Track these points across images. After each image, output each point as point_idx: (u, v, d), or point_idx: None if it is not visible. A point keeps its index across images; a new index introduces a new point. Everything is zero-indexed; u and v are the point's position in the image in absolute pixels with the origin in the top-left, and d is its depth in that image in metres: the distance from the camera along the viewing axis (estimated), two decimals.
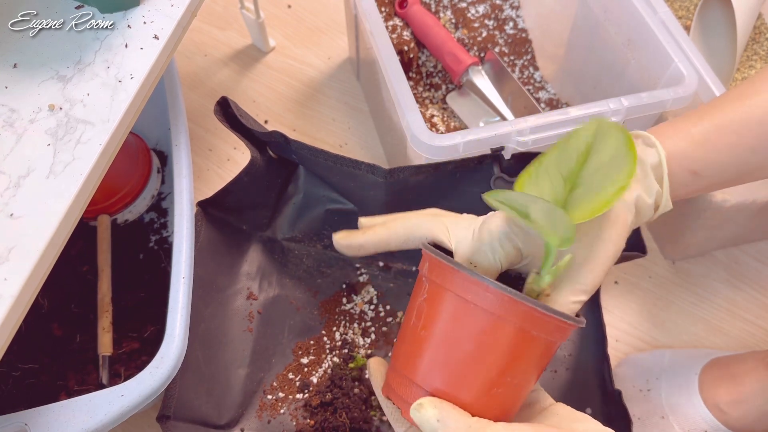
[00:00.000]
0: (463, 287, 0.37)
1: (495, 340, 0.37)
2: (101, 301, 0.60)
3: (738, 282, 0.71)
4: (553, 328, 0.38)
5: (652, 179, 0.43)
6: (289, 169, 0.65)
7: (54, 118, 0.44)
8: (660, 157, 0.43)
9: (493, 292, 0.36)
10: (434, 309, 0.39)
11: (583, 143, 0.40)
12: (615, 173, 0.39)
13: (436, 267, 0.39)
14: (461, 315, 0.37)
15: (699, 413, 0.55)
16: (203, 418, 0.54)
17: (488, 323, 0.36)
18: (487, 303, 0.36)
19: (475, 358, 0.37)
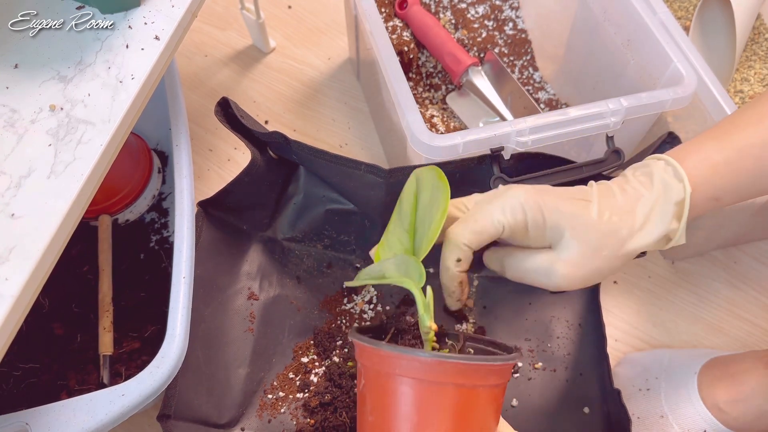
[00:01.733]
0: (391, 364, 0.37)
1: (441, 405, 0.36)
2: (102, 301, 0.60)
3: (737, 282, 0.71)
4: (486, 374, 0.37)
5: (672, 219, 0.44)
6: (289, 170, 0.65)
7: (55, 118, 0.44)
8: (685, 194, 0.43)
9: (420, 361, 0.36)
10: (372, 392, 0.39)
11: (412, 193, 0.48)
12: (437, 203, 0.45)
13: (361, 350, 0.40)
14: (396, 391, 0.37)
15: (698, 412, 0.55)
16: (204, 417, 0.54)
17: (423, 391, 0.37)
18: (419, 373, 0.36)
19: (425, 429, 0.37)
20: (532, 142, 0.54)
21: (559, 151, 0.56)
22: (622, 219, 0.44)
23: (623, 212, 0.44)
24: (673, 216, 0.44)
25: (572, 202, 0.44)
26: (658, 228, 0.43)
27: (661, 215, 0.44)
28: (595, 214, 0.44)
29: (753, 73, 0.72)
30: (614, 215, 0.44)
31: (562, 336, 0.64)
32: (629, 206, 0.44)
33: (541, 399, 0.61)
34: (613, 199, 0.45)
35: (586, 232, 0.43)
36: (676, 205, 0.43)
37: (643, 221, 0.44)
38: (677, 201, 0.43)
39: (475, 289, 0.67)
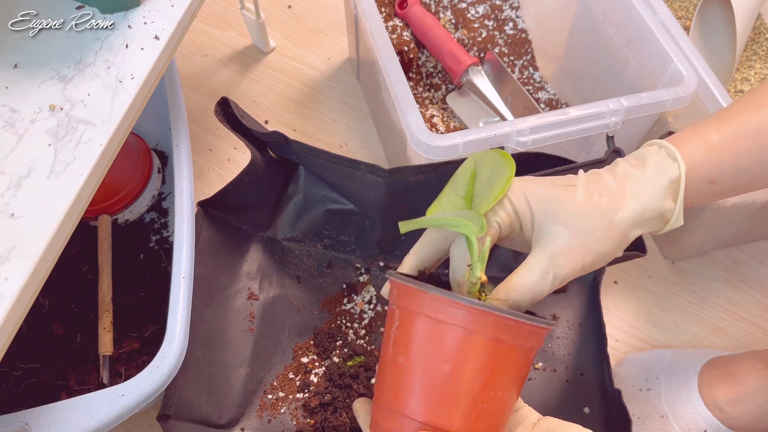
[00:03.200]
0: (433, 307, 0.37)
1: (472, 355, 0.36)
2: (102, 301, 0.60)
3: (737, 282, 0.71)
4: (527, 334, 0.37)
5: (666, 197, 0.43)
6: (289, 170, 0.65)
7: (55, 118, 0.44)
8: (680, 173, 0.43)
9: (463, 307, 0.36)
10: (408, 335, 0.38)
11: (469, 171, 0.46)
12: (500, 173, 0.43)
13: (404, 292, 0.39)
14: (435, 336, 0.37)
15: (698, 412, 0.55)
16: (204, 417, 0.54)
17: (463, 339, 0.36)
18: (458, 319, 0.36)
19: (458, 377, 0.37)
20: (532, 142, 0.54)
21: (560, 151, 0.56)
22: (612, 199, 0.42)
23: (612, 193, 0.43)
24: (667, 194, 0.42)
25: (557, 188, 0.43)
26: (650, 201, 0.42)
27: (652, 191, 0.42)
28: (582, 196, 0.42)
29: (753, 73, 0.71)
30: (603, 196, 0.42)
31: (563, 336, 0.64)
32: (619, 187, 0.43)
33: (541, 399, 0.61)
34: (602, 182, 0.44)
35: (574, 216, 0.42)
36: (670, 183, 0.42)
37: (635, 202, 0.42)
38: (671, 179, 0.42)
39: None
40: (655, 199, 0.42)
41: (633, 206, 0.42)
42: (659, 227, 0.44)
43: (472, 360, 0.37)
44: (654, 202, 0.42)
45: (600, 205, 0.42)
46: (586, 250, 0.41)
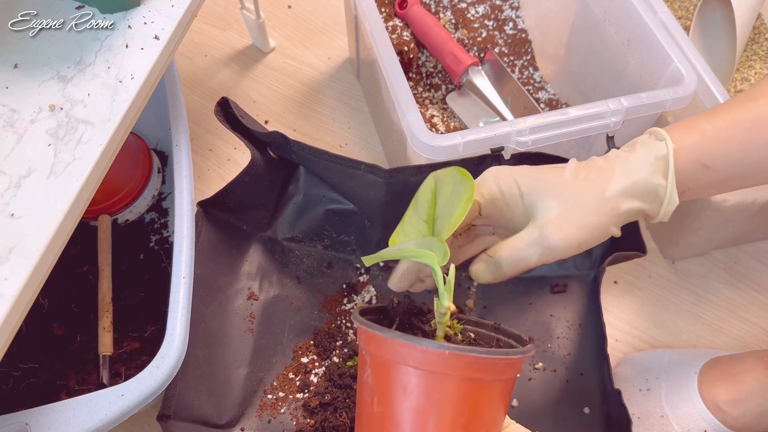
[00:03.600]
0: (401, 354, 0.36)
1: (451, 398, 0.35)
2: (102, 301, 0.60)
3: (737, 282, 0.71)
4: (504, 367, 0.37)
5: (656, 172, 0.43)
6: (289, 170, 0.65)
7: (55, 118, 0.44)
8: (668, 150, 0.43)
9: (432, 353, 0.35)
10: (381, 382, 0.37)
11: (429, 191, 0.47)
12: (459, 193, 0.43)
13: (371, 339, 0.38)
14: (409, 382, 0.36)
15: (698, 412, 0.55)
16: (203, 417, 0.54)
17: (439, 384, 0.35)
18: (430, 365, 0.35)
19: (439, 423, 0.35)
20: (532, 142, 0.54)
21: (560, 151, 0.56)
22: (600, 176, 0.43)
23: (600, 170, 0.44)
24: (657, 169, 0.43)
25: (546, 168, 0.44)
26: (639, 175, 0.43)
27: (640, 166, 0.43)
28: (570, 175, 0.43)
29: (753, 73, 0.71)
30: (591, 173, 0.43)
31: (563, 336, 0.64)
32: (608, 166, 0.44)
33: (541, 399, 0.61)
34: (591, 163, 0.45)
35: (563, 191, 0.43)
36: (657, 159, 0.43)
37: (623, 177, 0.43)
38: (658, 155, 0.43)
39: (475, 290, 0.67)
40: (644, 173, 0.43)
41: (621, 180, 0.43)
42: (654, 205, 0.44)
43: (450, 403, 0.35)
44: (643, 176, 0.43)
45: (588, 181, 0.43)
46: (576, 223, 0.42)
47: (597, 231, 0.43)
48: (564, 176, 0.44)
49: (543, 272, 0.67)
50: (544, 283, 0.67)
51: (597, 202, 0.43)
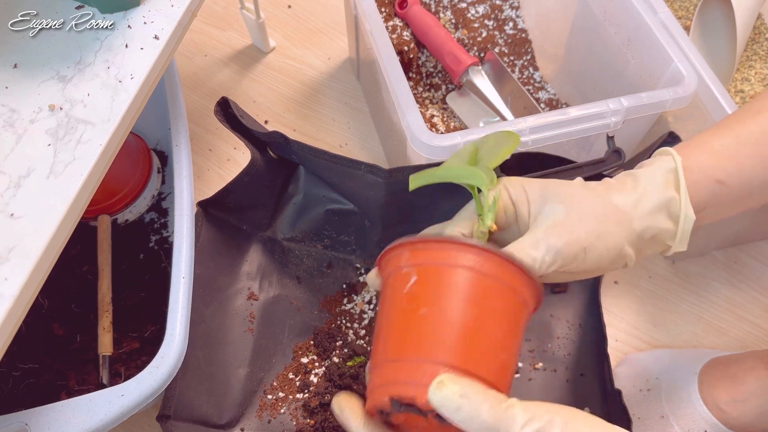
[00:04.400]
0: (458, 257, 0.38)
1: (494, 302, 0.37)
2: (101, 301, 0.60)
3: (738, 282, 0.71)
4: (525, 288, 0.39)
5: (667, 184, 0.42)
6: (289, 170, 0.65)
7: (54, 118, 0.44)
8: (675, 163, 0.42)
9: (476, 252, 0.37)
10: (434, 286, 0.38)
11: (472, 146, 0.47)
12: (505, 141, 0.45)
13: (423, 249, 0.39)
14: (463, 284, 0.37)
15: (699, 413, 0.55)
16: (203, 417, 0.54)
17: (486, 285, 0.37)
18: (481, 266, 0.37)
19: (483, 323, 0.36)
20: (532, 142, 0.54)
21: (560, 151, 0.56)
22: (608, 187, 0.43)
23: (611, 184, 0.43)
24: (668, 182, 0.42)
25: (555, 180, 0.44)
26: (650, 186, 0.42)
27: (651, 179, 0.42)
28: (579, 184, 0.43)
29: (754, 73, 0.71)
30: (601, 185, 0.43)
31: (563, 336, 0.64)
32: (618, 182, 0.44)
33: (541, 399, 0.60)
34: (602, 180, 0.45)
35: (570, 195, 0.42)
36: (668, 173, 0.42)
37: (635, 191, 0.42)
38: (668, 169, 0.43)
39: None
40: (655, 185, 0.42)
41: (632, 192, 0.42)
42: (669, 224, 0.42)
43: (495, 307, 0.37)
44: (654, 188, 0.42)
45: (596, 189, 0.43)
46: (581, 226, 0.41)
47: (604, 237, 0.41)
48: (573, 185, 0.43)
49: None
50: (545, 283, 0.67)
51: (606, 210, 0.41)
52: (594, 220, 0.41)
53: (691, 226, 0.42)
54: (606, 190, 0.43)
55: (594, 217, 0.41)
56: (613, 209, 0.42)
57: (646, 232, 0.42)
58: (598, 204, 0.42)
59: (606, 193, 0.42)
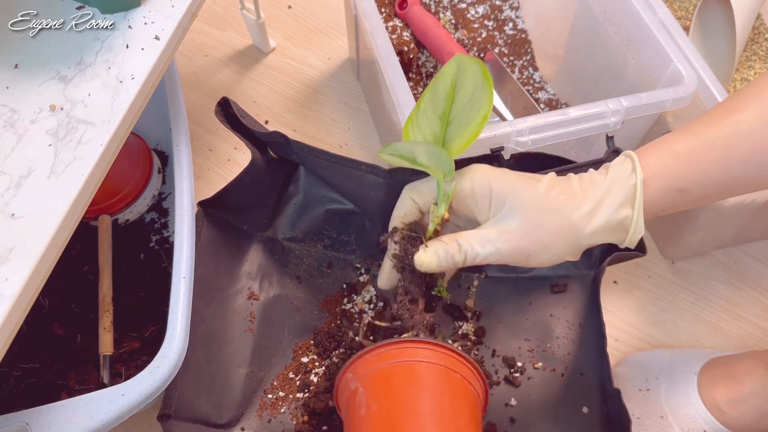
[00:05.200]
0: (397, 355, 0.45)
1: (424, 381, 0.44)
2: (102, 301, 0.60)
3: (737, 282, 0.71)
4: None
5: (624, 203, 0.44)
6: (289, 170, 0.65)
7: (55, 118, 0.44)
8: (636, 180, 0.43)
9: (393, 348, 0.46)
10: (376, 388, 0.45)
11: (449, 81, 0.47)
12: (477, 106, 0.46)
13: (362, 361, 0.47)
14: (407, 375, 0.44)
15: (698, 413, 0.55)
16: (204, 417, 0.54)
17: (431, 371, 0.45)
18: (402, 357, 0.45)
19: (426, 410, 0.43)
20: (532, 142, 0.55)
21: (559, 151, 0.56)
22: (570, 198, 0.44)
23: (572, 193, 0.45)
24: (627, 201, 0.44)
25: (523, 178, 0.46)
26: (607, 207, 0.43)
27: (610, 197, 0.44)
28: (542, 190, 0.45)
29: (753, 73, 0.72)
30: (562, 194, 0.44)
31: (562, 336, 0.64)
32: (581, 190, 0.45)
33: (540, 399, 0.61)
34: (567, 183, 0.46)
35: (529, 204, 0.44)
36: (628, 190, 0.43)
37: (592, 205, 0.44)
38: (629, 185, 0.44)
39: (475, 290, 0.67)
40: (612, 206, 0.43)
41: (588, 208, 0.44)
42: (620, 235, 0.45)
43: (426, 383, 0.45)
44: (611, 209, 0.43)
45: (556, 201, 0.44)
46: (530, 237, 0.44)
47: (549, 249, 0.44)
48: (537, 190, 0.45)
49: (543, 272, 0.67)
50: (544, 283, 0.67)
51: (558, 222, 0.44)
52: (545, 233, 0.44)
53: (640, 236, 0.45)
54: (566, 201, 0.44)
55: (545, 231, 0.44)
56: (566, 224, 0.44)
57: (592, 241, 0.45)
58: (553, 218, 0.44)
59: (565, 205, 0.44)
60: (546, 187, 0.45)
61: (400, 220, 0.50)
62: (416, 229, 0.49)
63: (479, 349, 0.64)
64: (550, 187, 0.45)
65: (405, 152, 0.46)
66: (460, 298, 0.66)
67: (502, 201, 0.45)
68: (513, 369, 0.62)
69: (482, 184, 0.45)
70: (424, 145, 0.45)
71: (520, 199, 0.44)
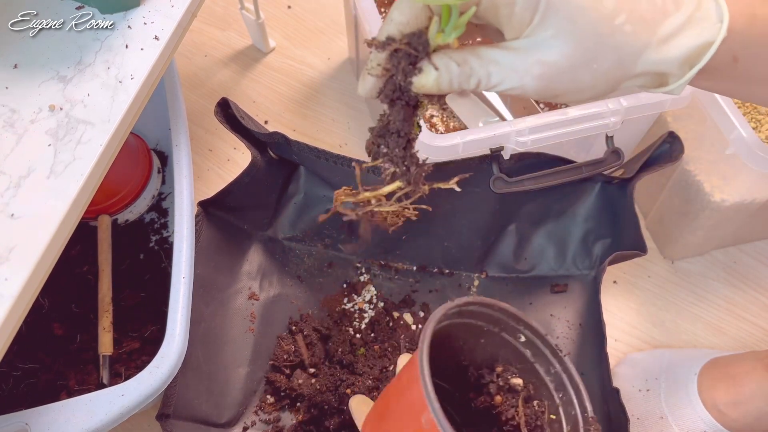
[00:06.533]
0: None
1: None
2: (102, 301, 0.60)
3: (737, 282, 0.71)
4: None
5: (688, 60, 0.35)
6: (289, 170, 0.65)
7: (54, 118, 0.44)
8: (716, 40, 0.34)
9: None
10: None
11: None
12: None
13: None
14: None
15: (697, 413, 0.55)
16: (203, 416, 0.54)
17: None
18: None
19: None
20: (531, 142, 0.55)
21: (559, 151, 0.56)
22: (636, 32, 0.34)
23: (642, 23, 0.34)
24: (690, 57, 0.35)
25: None
26: (668, 58, 0.34)
27: (678, 48, 0.34)
28: (608, 13, 0.33)
29: None
30: (629, 23, 0.34)
31: (563, 336, 0.64)
32: (650, 17, 0.34)
33: None
34: (636, 2, 0.34)
35: (585, 35, 0.33)
36: (700, 47, 0.35)
37: (655, 46, 0.34)
38: (704, 42, 0.35)
39: (475, 289, 0.67)
40: (676, 59, 0.35)
41: (651, 55, 0.35)
42: (654, 84, 0.37)
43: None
44: (673, 60, 0.35)
45: (621, 34, 0.34)
46: (569, 76, 0.34)
47: (585, 94, 0.35)
48: (601, 11, 0.33)
49: (543, 272, 0.67)
50: (544, 283, 0.67)
51: (612, 66, 0.34)
52: (589, 74, 0.35)
53: (676, 94, 0.37)
54: (628, 39, 0.34)
55: (590, 72, 0.34)
56: (617, 68, 0.35)
57: (629, 84, 0.36)
58: (608, 57, 0.34)
59: (624, 44, 0.34)
60: (613, 9, 0.33)
61: (398, 27, 0.34)
62: (417, 45, 0.34)
63: None
64: (619, 9, 0.33)
65: None
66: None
67: (549, 21, 0.33)
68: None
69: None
70: None
71: (576, 24, 0.33)
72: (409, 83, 0.35)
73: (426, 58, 0.34)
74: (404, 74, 0.34)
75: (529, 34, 0.34)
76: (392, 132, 0.37)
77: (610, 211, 0.63)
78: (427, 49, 0.34)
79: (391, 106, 0.36)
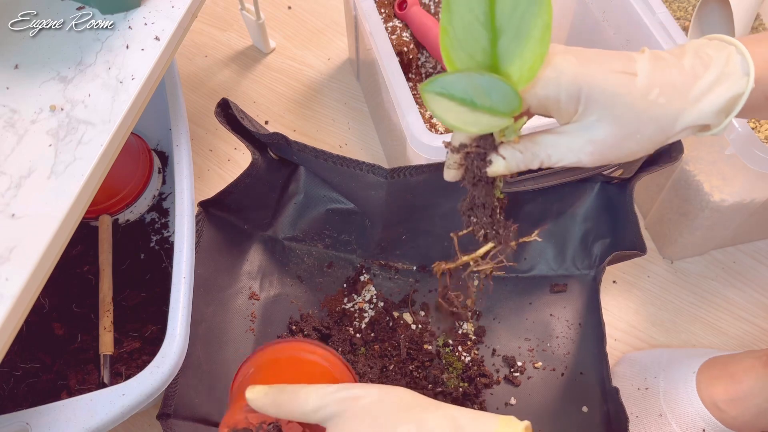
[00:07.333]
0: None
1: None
2: (102, 301, 0.60)
3: (736, 281, 0.71)
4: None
5: (723, 111, 0.38)
6: (290, 170, 0.65)
7: (55, 118, 0.45)
8: (746, 91, 0.37)
9: None
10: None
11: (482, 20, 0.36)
12: (532, 9, 0.34)
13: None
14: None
15: (697, 411, 0.55)
16: (204, 416, 0.54)
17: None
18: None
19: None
20: None
21: None
22: (670, 101, 0.37)
23: (674, 92, 0.37)
24: (726, 108, 0.38)
25: (616, 76, 0.38)
26: (705, 113, 0.38)
27: (712, 105, 0.37)
28: (640, 92, 0.37)
29: None
30: (662, 96, 0.37)
31: (562, 335, 0.64)
32: (681, 85, 0.38)
33: (540, 398, 0.61)
34: (665, 73, 0.38)
35: (624, 115, 0.37)
36: (732, 98, 0.37)
37: (691, 108, 0.38)
38: (735, 95, 0.37)
39: (476, 289, 0.67)
40: (712, 114, 0.38)
41: (688, 117, 0.38)
42: (696, 131, 0.40)
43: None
44: (709, 115, 0.38)
45: (656, 107, 0.38)
46: (618, 147, 0.39)
47: (632, 155, 0.39)
48: (633, 94, 0.37)
49: (543, 272, 0.67)
50: (544, 283, 0.67)
51: (652, 133, 0.38)
52: (635, 143, 0.38)
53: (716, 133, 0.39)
54: (665, 108, 0.38)
55: (636, 141, 0.38)
56: (660, 132, 0.38)
57: (675, 138, 0.40)
58: (648, 127, 0.38)
59: (663, 114, 0.38)
60: (645, 87, 0.37)
61: (467, 135, 0.41)
62: (485, 145, 0.41)
63: (479, 348, 0.64)
64: (650, 84, 0.37)
65: (458, 90, 0.36)
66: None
67: (591, 109, 0.38)
68: (513, 368, 0.62)
69: (570, 90, 0.37)
70: (478, 76, 0.35)
71: (615, 108, 0.37)
72: (484, 173, 0.41)
73: (494, 152, 0.40)
74: (479, 168, 0.41)
75: (577, 120, 0.39)
76: (478, 205, 0.44)
77: (609, 211, 0.63)
78: (494, 146, 0.41)
79: (473, 188, 0.43)
